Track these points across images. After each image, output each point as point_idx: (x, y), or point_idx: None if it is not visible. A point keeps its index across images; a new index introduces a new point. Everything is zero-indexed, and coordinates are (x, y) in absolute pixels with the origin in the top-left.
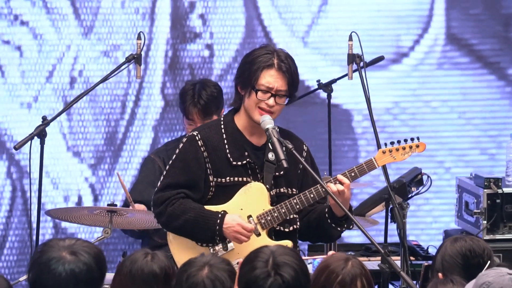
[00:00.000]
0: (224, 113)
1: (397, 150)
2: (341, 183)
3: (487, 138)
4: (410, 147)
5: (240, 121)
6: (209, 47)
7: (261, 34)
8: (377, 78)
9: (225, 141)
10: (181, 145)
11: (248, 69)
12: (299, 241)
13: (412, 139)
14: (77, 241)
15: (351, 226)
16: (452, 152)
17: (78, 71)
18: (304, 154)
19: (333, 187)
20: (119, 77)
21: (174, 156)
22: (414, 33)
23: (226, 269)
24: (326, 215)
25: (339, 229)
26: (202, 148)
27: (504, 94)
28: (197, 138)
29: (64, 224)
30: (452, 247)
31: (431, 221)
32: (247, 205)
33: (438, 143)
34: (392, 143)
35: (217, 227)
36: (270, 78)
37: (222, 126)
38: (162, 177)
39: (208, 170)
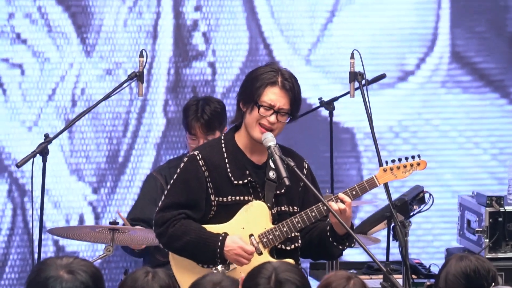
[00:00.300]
0: (225, 132)
1: (398, 168)
2: (342, 201)
3: (489, 156)
4: (411, 165)
5: (241, 139)
6: (212, 65)
7: (263, 52)
8: (382, 96)
9: (226, 160)
10: (182, 164)
11: (251, 85)
12: (301, 259)
13: (413, 157)
14: (75, 260)
15: (352, 244)
16: (453, 170)
17: (81, 89)
18: (305, 171)
19: (334, 205)
20: (121, 95)
21: (175, 175)
22: (418, 52)
23: None
24: (328, 233)
25: (340, 247)
26: (203, 167)
27: (507, 112)
28: (198, 157)
29: (65, 242)
30: (456, 266)
31: (433, 239)
32: (248, 224)
33: (440, 161)
34: (393, 161)
35: (218, 250)
36: (273, 96)
37: (223, 145)
38: (163, 197)
39: (210, 189)
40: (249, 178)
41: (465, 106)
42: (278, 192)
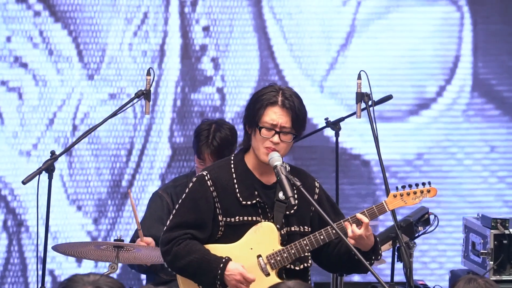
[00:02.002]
0: (235, 153)
1: (408, 194)
2: (360, 221)
3: (505, 185)
4: (422, 191)
5: (250, 160)
6: (221, 91)
7: (275, 78)
8: (407, 123)
9: (235, 181)
10: (190, 184)
11: (253, 108)
12: (311, 278)
13: (423, 184)
14: (102, 277)
15: (379, 257)
16: (465, 199)
17: (83, 114)
18: (317, 191)
19: (349, 230)
20: (125, 124)
21: (184, 195)
22: (440, 79)
23: None
24: (352, 252)
25: (367, 262)
26: (211, 188)
27: None
28: (206, 178)
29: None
30: None
31: (437, 261)
32: (257, 244)
33: (450, 189)
34: (403, 187)
35: (219, 272)
36: (274, 115)
37: (232, 166)
38: (171, 216)
39: (217, 209)
40: (257, 199)
41: (486, 135)
42: (288, 212)
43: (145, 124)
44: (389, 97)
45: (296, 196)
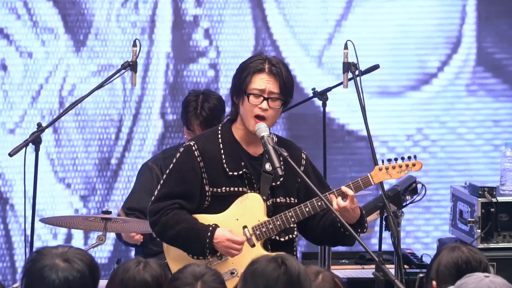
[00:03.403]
0: (222, 123)
1: (394, 168)
2: (345, 194)
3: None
4: (407, 165)
5: (237, 131)
6: (214, 65)
7: (270, 49)
8: (404, 99)
9: (222, 151)
10: (178, 154)
11: (240, 76)
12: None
13: (409, 158)
14: (70, 249)
15: (364, 230)
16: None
17: (68, 91)
18: (303, 162)
19: (334, 203)
20: (112, 97)
21: (171, 166)
22: (441, 53)
23: (218, 287)
24: (339, 224)
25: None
26: (198, 158)
27: None
28: (193, 148)
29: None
30: (448, 257)
31: (425, 229)
32: (242, 215)
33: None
34: (389, 160)
35: (207, 241)
36: (261, 81)
37: (220, 136)
38: (158, 186)
39: (204, 180)
40: (244, 170)
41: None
42: (274, 184)
43: (134, 100)
44: (375, 67)
45: (282, 167)
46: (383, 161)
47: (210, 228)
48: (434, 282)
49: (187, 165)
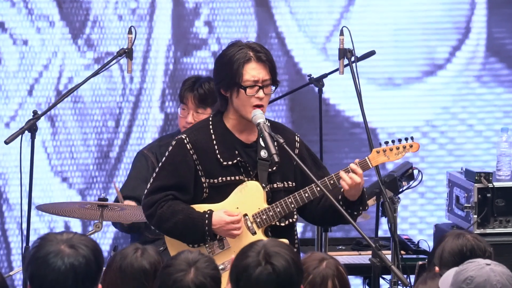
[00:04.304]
0: (213, 114)
1: (391, 150)
2: (355, 172)
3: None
4: (404, 147)
5: (229, 120)
6: (215, 55)
7: (275, 41)
8: (409, 90)
9: (215, 142)
10: (170, 148)
11: (228, 70)
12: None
13: (406, 139)
14: (75, 235)
15: (366, 208)
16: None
17: (67, 78)
18: (297, 145)
19: (346, 177)
20: (111, 90)
21: (164, 159)
22: (449, 44)
23: (211, 274)
24: (341, 202)
25: (355, 213)
26: (191, 151)
27: None
28: (185, 141)
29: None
30: (453, 244)
31: (422, 215)
32: (243, 204)
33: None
34: (386, 142)
35: (206, 228)
36: (253, 71)
37: (211, 127)
38: (151, 179)
39: (199, 172)
40: (238, 158)
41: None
42: (271, 170)
43: (135, 88)
44: (371, 53)
45: (278, 152)
46: (380, 144)
47: (206, 216)
48: (436, 268)
49: (180, 158)
